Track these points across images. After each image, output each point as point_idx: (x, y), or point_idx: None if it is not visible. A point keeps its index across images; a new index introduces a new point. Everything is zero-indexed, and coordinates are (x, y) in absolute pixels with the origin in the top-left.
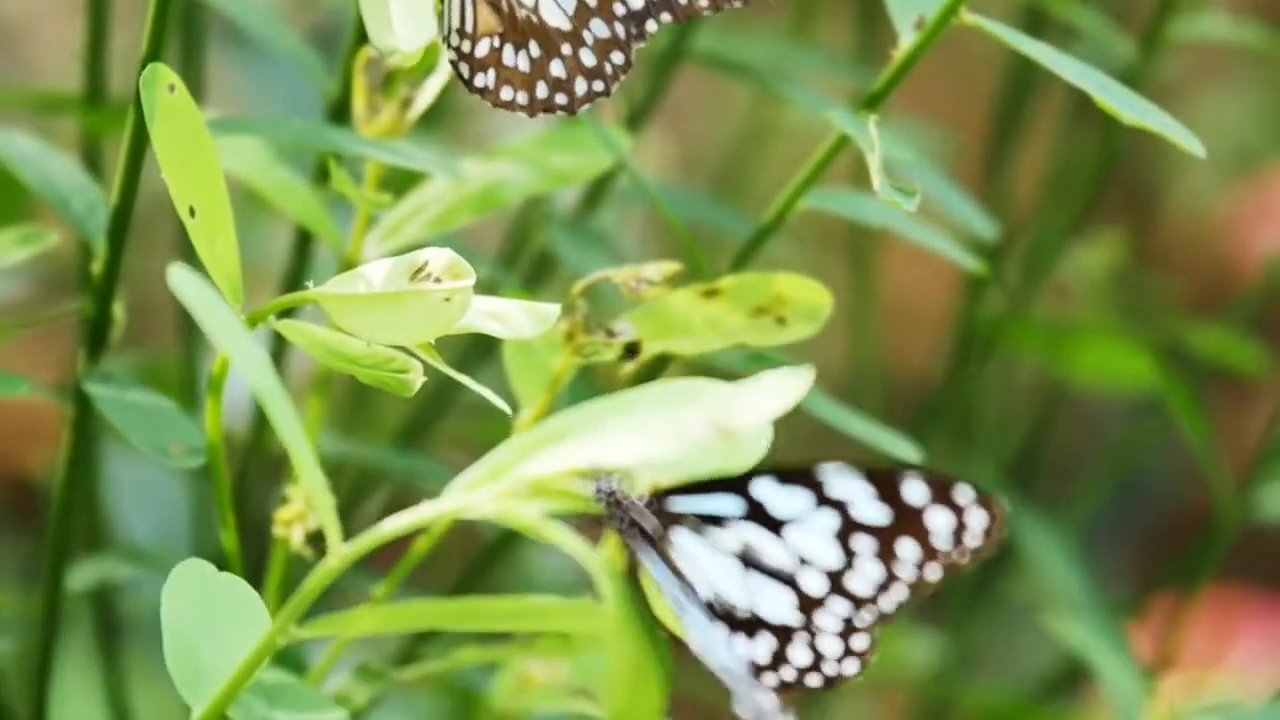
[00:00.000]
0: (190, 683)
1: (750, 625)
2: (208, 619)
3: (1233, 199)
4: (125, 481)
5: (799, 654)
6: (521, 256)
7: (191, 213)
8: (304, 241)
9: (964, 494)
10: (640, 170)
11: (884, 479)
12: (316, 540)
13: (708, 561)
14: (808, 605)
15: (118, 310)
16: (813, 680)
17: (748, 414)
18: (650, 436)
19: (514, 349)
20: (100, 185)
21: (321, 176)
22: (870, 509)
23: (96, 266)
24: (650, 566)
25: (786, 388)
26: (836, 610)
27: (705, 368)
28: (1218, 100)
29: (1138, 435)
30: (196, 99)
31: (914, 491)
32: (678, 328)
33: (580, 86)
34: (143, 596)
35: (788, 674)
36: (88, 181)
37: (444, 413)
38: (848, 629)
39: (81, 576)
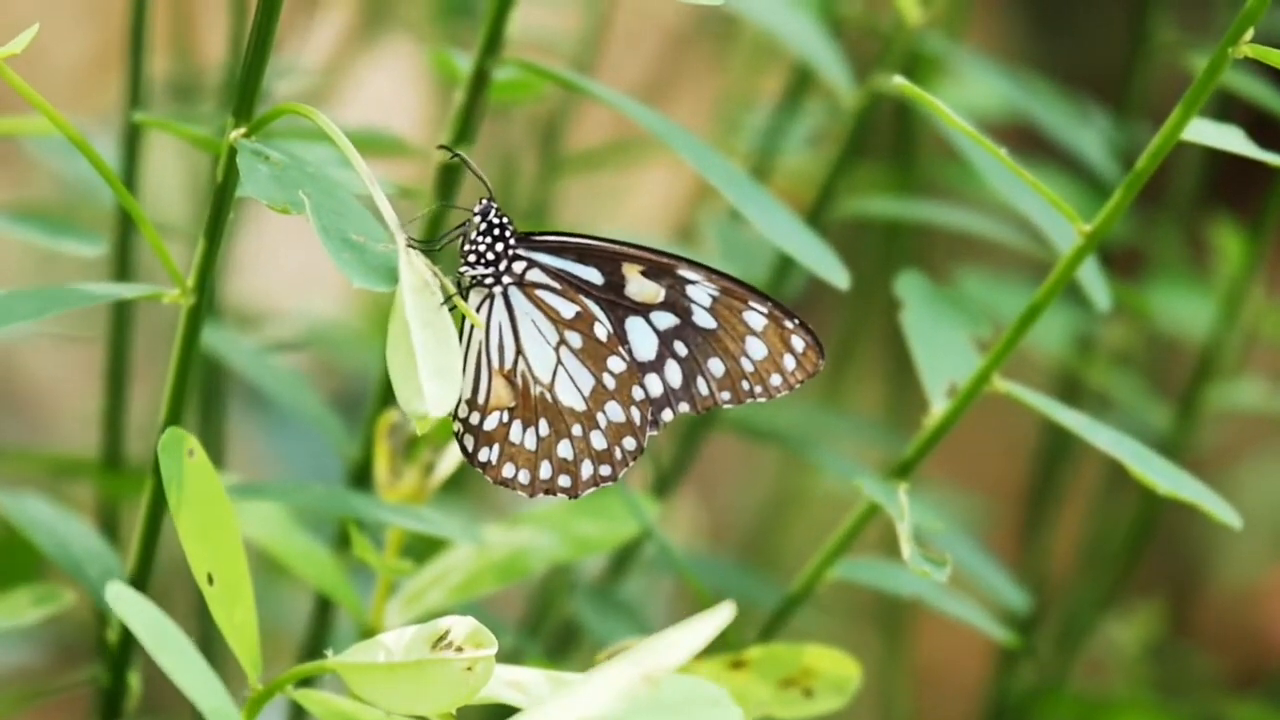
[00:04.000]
0: None
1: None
2: None
3: (1276, 571)
4: None
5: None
6: (546, 624)
7: (210, 580)
8: (324, 608)
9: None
10: (668, 538)
11: None
12: None
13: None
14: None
15: (133, 679)
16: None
17: (670, 657)
18: (588, 700)
19: None
20: (117, 551)
21: (343, 542)
22: None
23: (112, 634)
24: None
25: (703, 628)
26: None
27: None
28: (1266, 468)
29: None
30: (216, 463)
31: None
32: None
33: (586, 470)
34: None
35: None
36: (104, 547)
37: None
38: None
39: None
